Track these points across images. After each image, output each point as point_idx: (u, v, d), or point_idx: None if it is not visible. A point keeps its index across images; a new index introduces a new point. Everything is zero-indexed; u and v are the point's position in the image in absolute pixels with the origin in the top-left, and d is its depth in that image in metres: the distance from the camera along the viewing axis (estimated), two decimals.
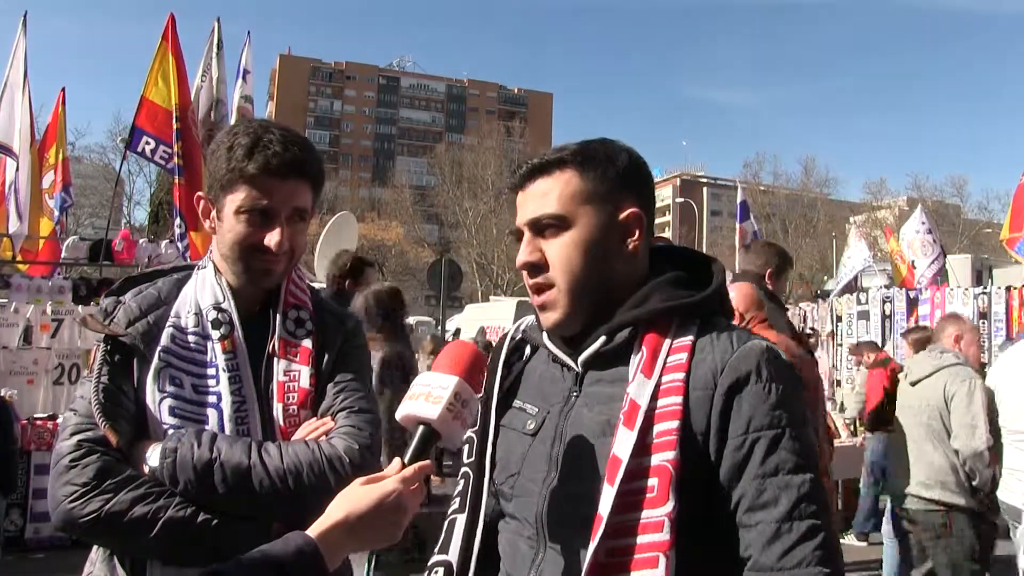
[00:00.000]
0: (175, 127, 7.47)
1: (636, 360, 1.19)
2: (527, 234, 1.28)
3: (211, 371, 1.54)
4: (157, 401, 1.50)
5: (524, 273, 1.29)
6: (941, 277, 11.72)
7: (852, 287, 12.26)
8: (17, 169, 8.84)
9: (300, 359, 1.60)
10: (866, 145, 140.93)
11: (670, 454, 1.10)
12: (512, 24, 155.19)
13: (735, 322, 1.31)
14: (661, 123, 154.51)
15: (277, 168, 1.52)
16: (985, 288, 9.77)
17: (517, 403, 1.35)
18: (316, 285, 1.83)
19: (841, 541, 7.32)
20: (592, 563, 1.09)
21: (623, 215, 1.27)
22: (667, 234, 60.88)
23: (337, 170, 73.33)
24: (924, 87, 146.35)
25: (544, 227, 1.26)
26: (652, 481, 1.10)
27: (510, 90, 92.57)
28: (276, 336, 1.61)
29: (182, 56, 7.85)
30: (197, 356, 1.55)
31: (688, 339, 1.19)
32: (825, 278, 30.59)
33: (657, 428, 1.12)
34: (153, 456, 1.45)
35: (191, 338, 1.56)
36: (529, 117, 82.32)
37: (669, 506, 1.08)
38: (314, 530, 1.10)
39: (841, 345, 10.42)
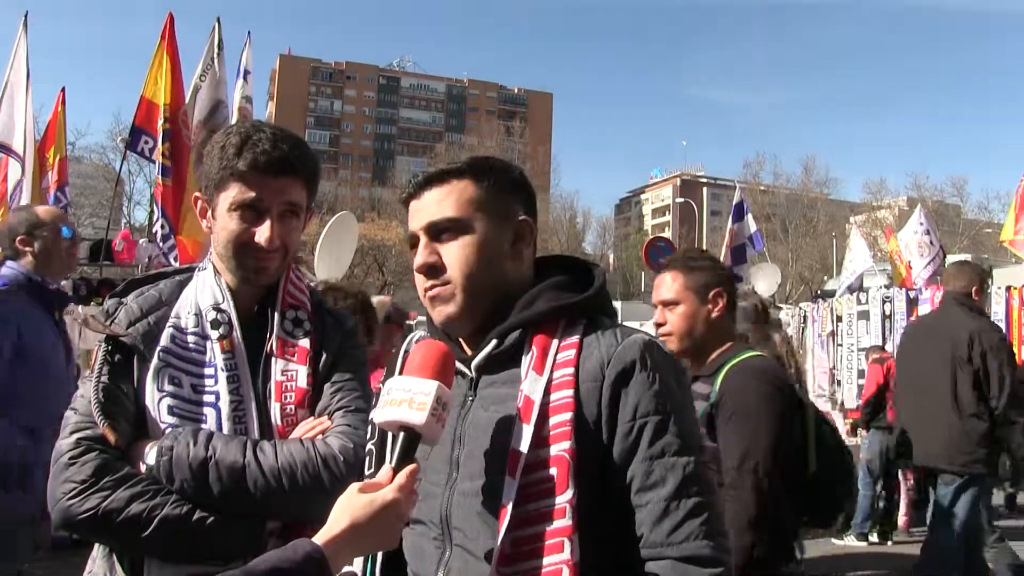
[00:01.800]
0: (163, 127, 7.45)
1: (527, 360, 1.25)
2: (423, 239, 1.32)
3: (209, 371, 1.56)
4: (156, 400, 1.52)
5: (420, 277, 1.32)
6: (940, 277, 11.68)
7: (854, 287, 12.22)
8: (22, 170, 8.84)
9: (298, 359, 1.62)
10: (866, 145, 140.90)
11: (566, 444, 1.17)
12: (512, 24, 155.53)
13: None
14: (661, 123, 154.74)
15: (266, 165, 1.55)
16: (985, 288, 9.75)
17: None
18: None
19: (842, 543, 7.27)
20: (500, 553, 1.14)
21: (514, 221, 1.34)
22: (667, 234, 60.79)
23: (337, 170, 73.30)
24: (924, 87, 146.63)
25: (441, 231, 1.30)
26: (552, 471, 1.16)
27: (510, 90, 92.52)
28: (274, 336, 1.62)
29: (178, 56, 7.85)
30: (196, 356, 1.57)
31: (575, 338, 1.27)
32: (825, 278, 30.56)
33: (552, 420, 1.19)
34: (150, 454, 1.46)
35: (190, 338, 1.58)
36: (529, 117, 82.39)
37: (569, 493, 1.14)
38: (320, 538, 1.14)
39: (841, 345, 10.40)
